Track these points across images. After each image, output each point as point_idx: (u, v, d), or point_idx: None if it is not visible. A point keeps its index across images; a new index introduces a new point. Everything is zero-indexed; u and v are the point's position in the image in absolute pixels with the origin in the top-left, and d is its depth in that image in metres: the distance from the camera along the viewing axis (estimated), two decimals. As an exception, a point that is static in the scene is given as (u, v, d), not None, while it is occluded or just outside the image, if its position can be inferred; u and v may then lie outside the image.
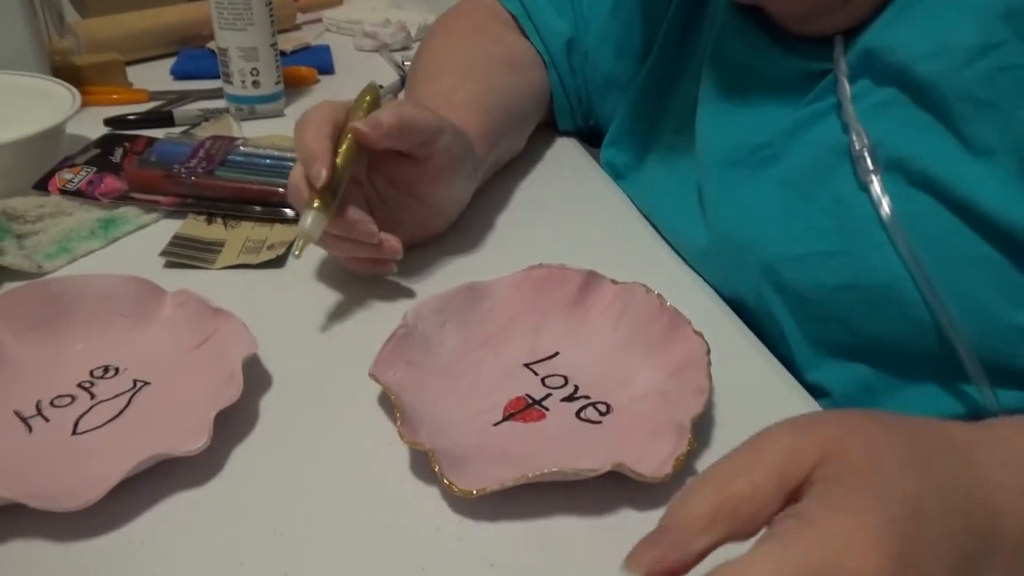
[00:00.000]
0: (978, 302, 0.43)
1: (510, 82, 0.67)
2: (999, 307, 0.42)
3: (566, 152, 0.74)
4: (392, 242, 0.50)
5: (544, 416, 0.42)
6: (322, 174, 0.46)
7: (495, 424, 0.41)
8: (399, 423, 0.38)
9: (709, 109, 0.57)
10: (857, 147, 0.46)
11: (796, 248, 0.49)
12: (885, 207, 0.44)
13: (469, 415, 0.42)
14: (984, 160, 0.42)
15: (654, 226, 0.62)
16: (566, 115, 0.74)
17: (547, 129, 0.75)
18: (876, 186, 0.45)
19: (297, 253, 0.47)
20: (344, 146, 0.49)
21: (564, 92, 0.72)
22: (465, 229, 0.61)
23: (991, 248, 0.42)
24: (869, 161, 0.45)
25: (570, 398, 0.43)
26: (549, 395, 0.43)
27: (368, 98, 0.52)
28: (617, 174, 0.69)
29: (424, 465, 0.38)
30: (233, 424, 0.41)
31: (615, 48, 0.68)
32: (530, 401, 0.43)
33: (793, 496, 0.25)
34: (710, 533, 0.24)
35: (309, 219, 0.46)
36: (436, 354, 0.45)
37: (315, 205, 0.47)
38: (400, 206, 0.54)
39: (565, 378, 0.45)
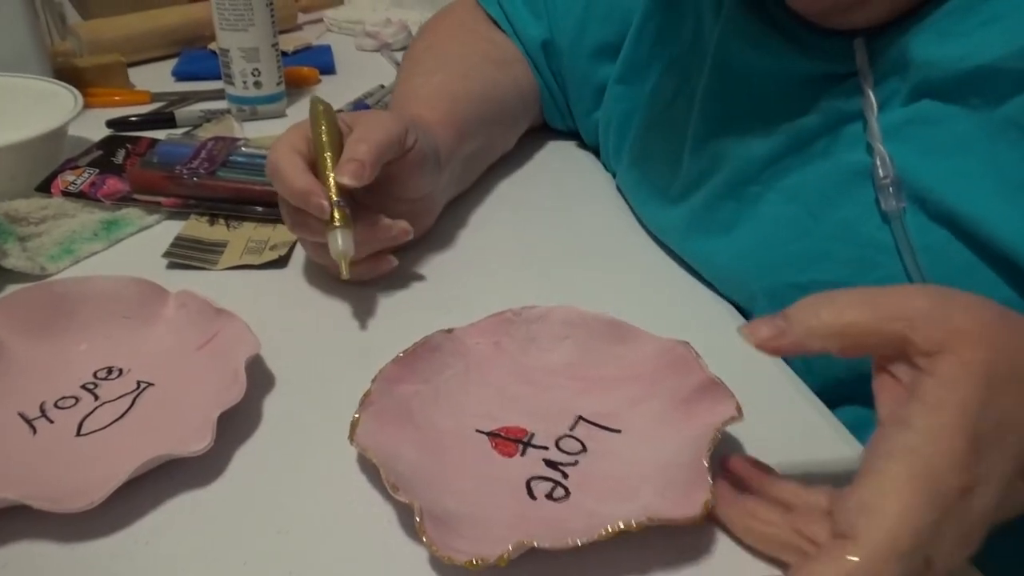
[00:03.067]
0: None
1: (489, 74, 0.66)
2: None
3: (572, 154, 0.74)
4: (402, 224, 0.51)
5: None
6: (324, 205, 0.47)
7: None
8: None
9: (715, 117, 0.53)
10: (882, 174, 0.42)
11: (801, 276, 0.47)
12: (908, 242, 0.42)
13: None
14: (1017, 195, 0.39)
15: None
16: (553, 112, 0.73)
17: (559, 134, 0.75)
18: (900, 219, 0.42)
19: (345, 275, 0.47)
20: (326, 162, 0.49)
21: (548, 90, 0.72)
22: (465, 227, 0.61)
23: (1011, 291, 0.40)
24: (893, 193, 0.42)
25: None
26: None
27: (323, 119, 0.51)
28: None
29: (427, 464, 0.38)
30: (236, 425, 0.41)
31: (591, 48, 0.67)
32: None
33: (902, 353, 0.30)
34: (824, 342, 0.30)
35: (339, 239, 0.47)
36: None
37: (337, 224, 0.47)
38: (381, 209, 0.52)
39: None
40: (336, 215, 0.47)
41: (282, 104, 0.81)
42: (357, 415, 0.38)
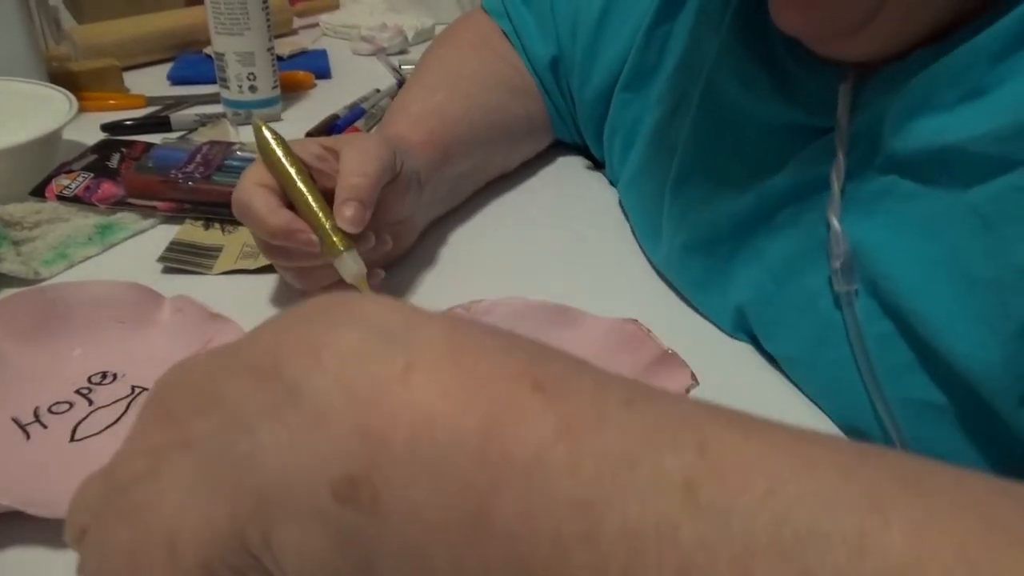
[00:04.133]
0: (935, 451, 0.37)
1: (496, 98, 0.65)
2: (960, 458, 0.37)
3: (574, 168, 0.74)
4: (386, 239, 0.50)
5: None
6: (312, 240, 0.45)
7: None
8: None
9: (697, 158, 0.52)
10: (835, 254, 0.41)
11: (769, 343, 0.48)
12: (858, 328, 0.40)
13: None
14: (967, 292, 0.36)
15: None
16: (561, 128, 0.72)
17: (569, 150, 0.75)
18: (851, 303, 0.40)
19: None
20: (300, 192, 0.47)
21: (555, 108, 0.70)
22: (457, 240, 0.61)
23: (945, 397, 0.38)
24: (844, 275, 0.40)
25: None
26: None
27: (281, 146, 0.48)
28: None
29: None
30: (232, 429, 0.41)
31: (601, 65, 0.65)
32: None
33: None
34: None
35: (351, 263, 0.46)
36: None
37: (340, 249, 0.46)
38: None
39: None
40: (336, 240, 0.46)
41: (277, 108, 0.81)
42: None
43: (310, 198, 0.47)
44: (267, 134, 0.49)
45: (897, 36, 0.39)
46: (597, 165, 0.72)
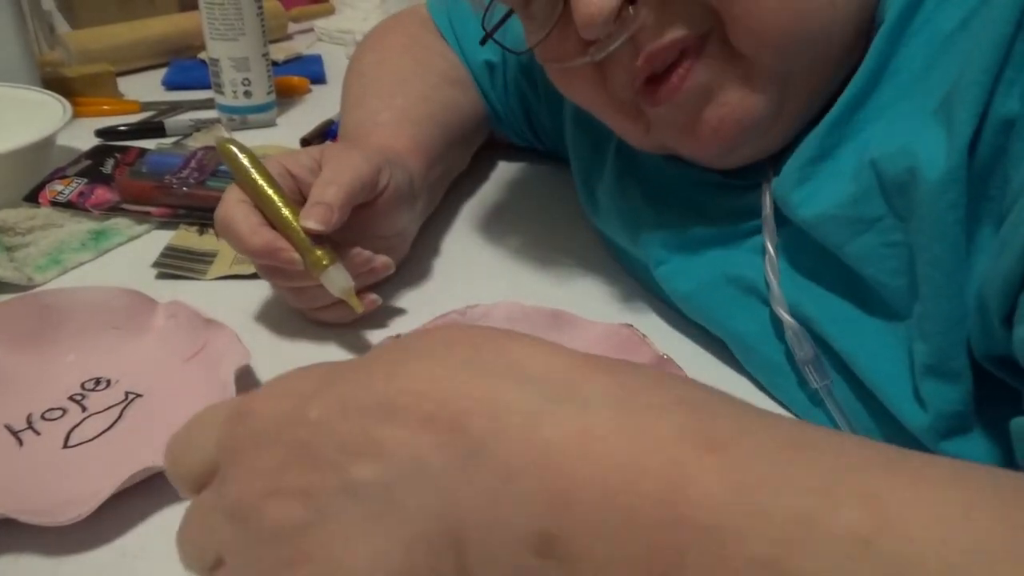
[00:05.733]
0: None
1: (448, 96, 0.64)
2: None
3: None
4: (383, 259, 0.48)
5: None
6: (294, 258, 0.44)
7: None
8: None
9: (613, 212, 0.54)
10: (800, 363, 0.42)
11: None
12: (840, 417, 0.42)
13: None
14: (880, 327, 0.39)
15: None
16: (508, 130, 0.71)
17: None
18: (830, 396, 0.42)
19: (359, 309, 0.46)
20: (277, 208, 0.46)
21: (493, 109, 0.69)
22: (450, 244, 0.61)
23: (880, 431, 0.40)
24: (816, 376, 0.42)
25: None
26: None
27: (251, 161, 0.47)
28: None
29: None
30: (226, 436, 0.41)
31: (532, 80, 0.65)
32: None
33: None
34: None
35: (336, 278, 0.45)
36: None
37: (324, 264, 0.45)
38: (356, 245, 0.49)
39: None
40: (320, 255, 0.45)
41: (272, 114, 0.81)
42: None
43: (287, 212, 0.45)
44: (235, 151, 0.47)
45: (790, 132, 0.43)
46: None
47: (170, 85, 0.91)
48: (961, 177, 0.33)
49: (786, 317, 0.42)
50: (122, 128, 0.76)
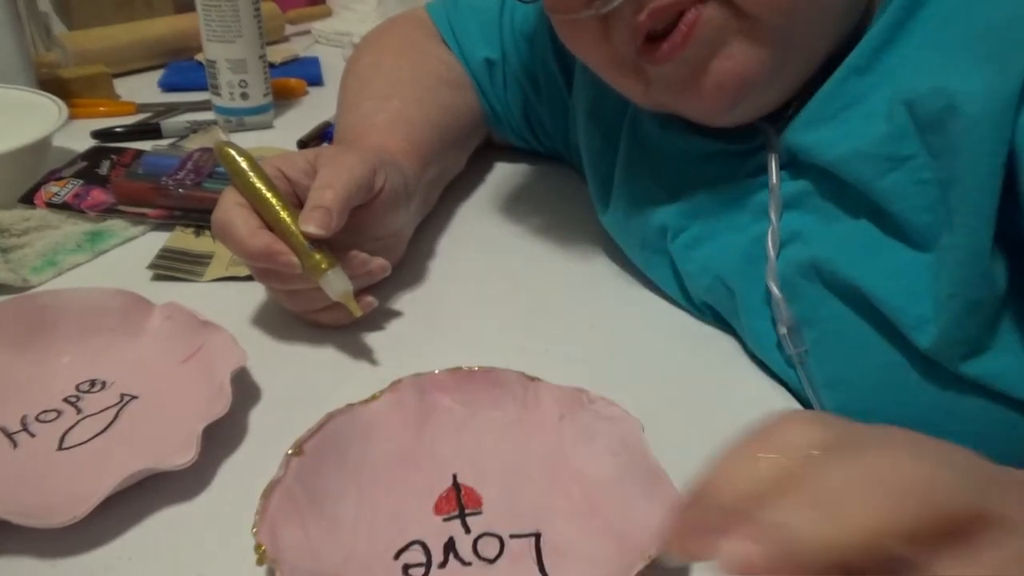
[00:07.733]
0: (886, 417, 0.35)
1: (444, 98, 0.64)
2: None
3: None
4: (379, 261, 0.48)
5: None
6: (293, 262, 0.44)
7: None
8: None
9: (624, 195, 0.55)
10: (779, 325, 0.45)
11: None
12: (809, 387, 0.44)
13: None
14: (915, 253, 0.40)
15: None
16: (505, 131, 0.71)
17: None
18: (802, 366, 0.44)
19: (357, 312, 0.46)
20: (276, 211, 0.45)
21: (492, 109, 0.69)
22: (446, 246, 0.61)
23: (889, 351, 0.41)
24: (791, 342, 0.44)
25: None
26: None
27: (249, 165, 0.47)
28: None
29: (415, 478, 0.38)
30: (221, 438, 0.41)
31: (534, 83, 0.66)
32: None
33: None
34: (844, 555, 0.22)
35: (335, 282, 0.45)
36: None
37: (323, 267, 0.45)
38: (352, 247, 0.48)
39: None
40: (319, 258, 0.44)
41: (269, 116, 0.81)
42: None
43: (286, 216, 0.45)
44: (234, 154, 0.47)
45: (791, 90, 0.45)
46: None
47: (167, 87, 0.91)
48: (1011, 107, 0.34)
49: (774, 290, 0.44)
50: (118, 130, 0.76)
